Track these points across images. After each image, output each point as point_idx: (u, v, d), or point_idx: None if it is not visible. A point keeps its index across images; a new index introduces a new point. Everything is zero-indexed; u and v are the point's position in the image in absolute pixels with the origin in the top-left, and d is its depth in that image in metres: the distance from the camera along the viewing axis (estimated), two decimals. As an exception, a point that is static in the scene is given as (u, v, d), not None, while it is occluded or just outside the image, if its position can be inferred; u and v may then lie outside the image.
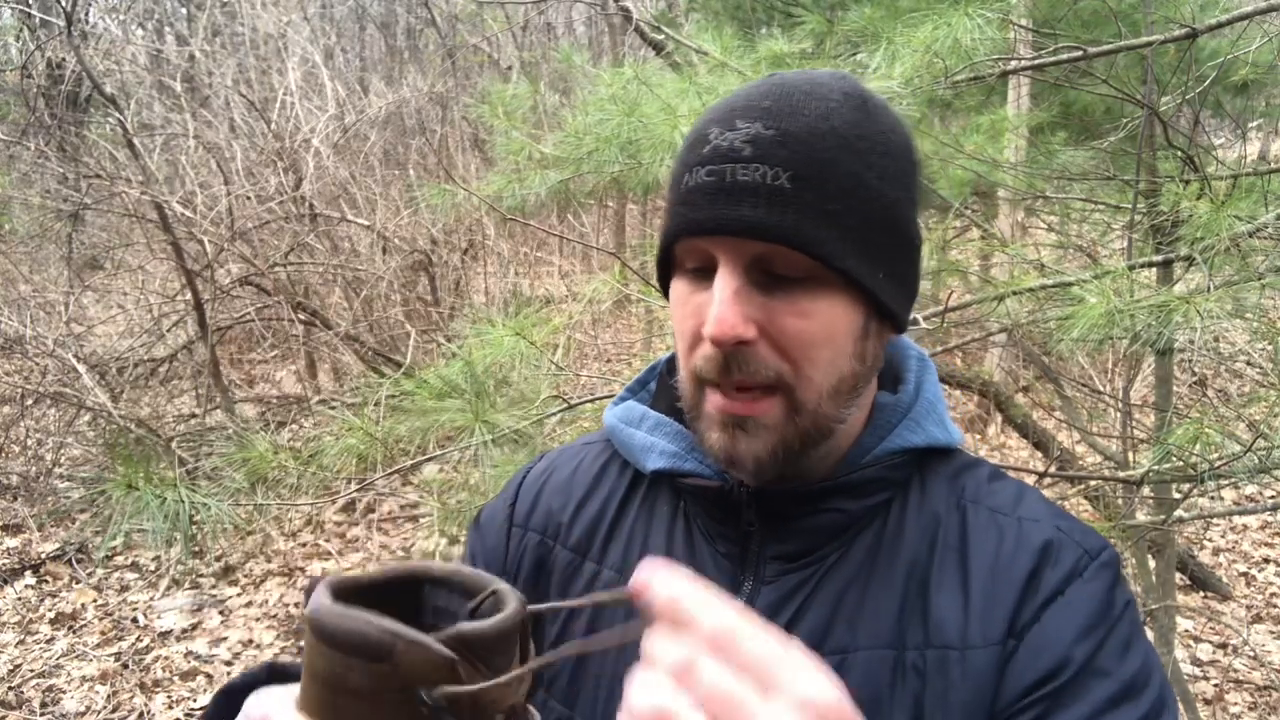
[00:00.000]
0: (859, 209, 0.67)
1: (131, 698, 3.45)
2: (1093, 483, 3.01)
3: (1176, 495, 2.31)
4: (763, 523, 0.74)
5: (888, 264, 0.70)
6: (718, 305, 0.65)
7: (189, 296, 5.39)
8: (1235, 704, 3.44)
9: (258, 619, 4.03)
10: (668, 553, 0.77)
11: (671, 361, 0.86)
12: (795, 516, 0.74)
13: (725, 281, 0.66)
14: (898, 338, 0.78)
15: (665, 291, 0.78)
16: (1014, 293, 2.08)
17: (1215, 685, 3.54)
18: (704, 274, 0.70)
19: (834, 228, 0.66)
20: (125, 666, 3.65)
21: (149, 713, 3.37)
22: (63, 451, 5.25)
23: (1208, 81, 2.46)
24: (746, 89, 0.71)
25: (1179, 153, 2.22)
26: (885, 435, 0.76)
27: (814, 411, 0.69)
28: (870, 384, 0.75)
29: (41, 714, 3.34)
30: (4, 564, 4.37)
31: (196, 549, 4.36)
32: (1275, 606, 4.18)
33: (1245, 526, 4.96)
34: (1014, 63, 2.31)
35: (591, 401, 2.17)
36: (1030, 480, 2.43)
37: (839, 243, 0.66)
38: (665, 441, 0.80)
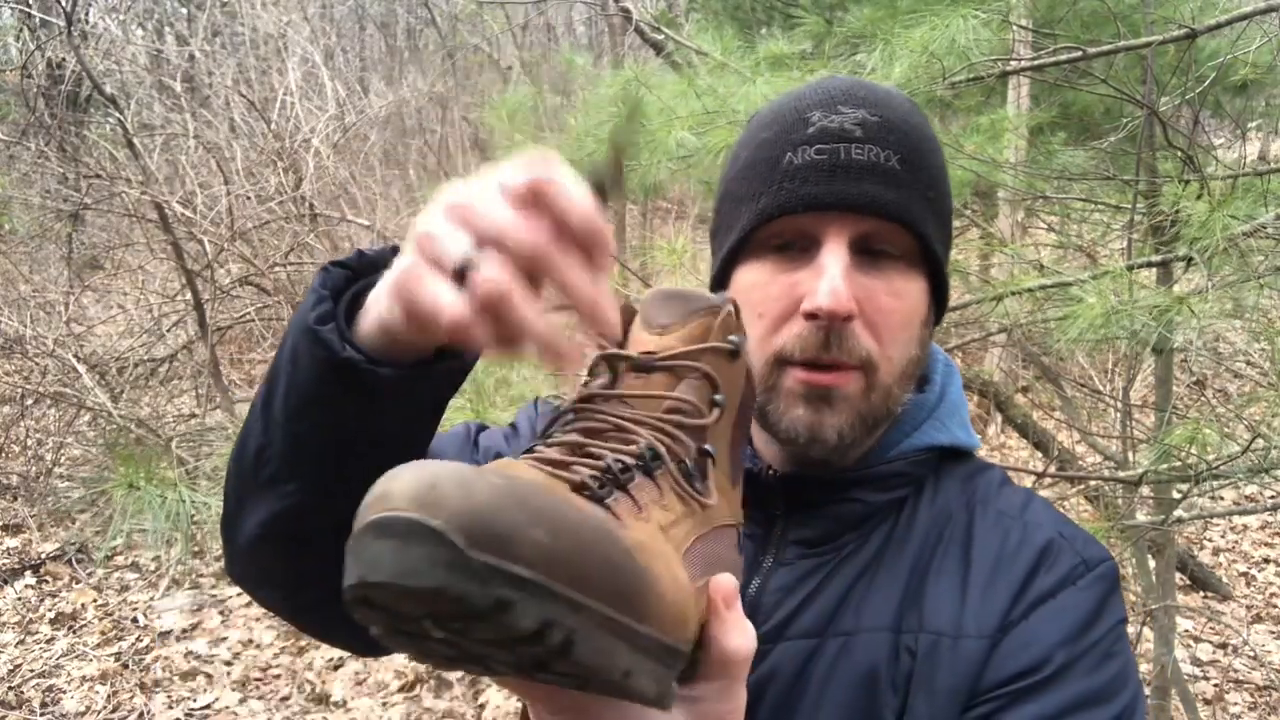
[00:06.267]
0: (942, 200, 0.73)
1: (131, 698, 3.45)
2: (1092, 483, 3.01)
3: (1176, 495, 2.30)
4: (788, 507, 0.76)
5: (947, 256, 0.75)
6: (830, 280, 0.66)
7: (189, 296, 5.39)
8: (1235, 704, 3.44)
9: (258, 619, 4.03)
10: None
11: None
12: (819, 503, 0.76)
13: (836, 256, 0.68)
14: None
15: (718, 284, 0.77)
16: (1013, 293, 2.08)
17: (1215, 685, 3.54)
18: (792, 253, 0.71)
19: (931, 213, 0.71)
20: (125, 666, 3.65)
21: (149, 713, 3.37)
22: (63, 451, 5.25)
23: (1207, 82, 2.46)
24: (825, 82, 0.74)
25: (1179, 153, 2.22)
26: (912, 431, 0.78)
27: (887, 391, 0.71)
28: (918, 375, 0.78)
29: (41, 714, 3.34)
30: (4, 564, 4.37)
31: (196, 549, 4.36)
32: (1275, 606, 4.18)
33: (1245, 526, 4.96)
34: (1013, 63, 2.32)
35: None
36: (1029, 480, 2.43)
37: (935, 228, 0.71)
38: None
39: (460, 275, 0.47)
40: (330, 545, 0.62)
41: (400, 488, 0.39)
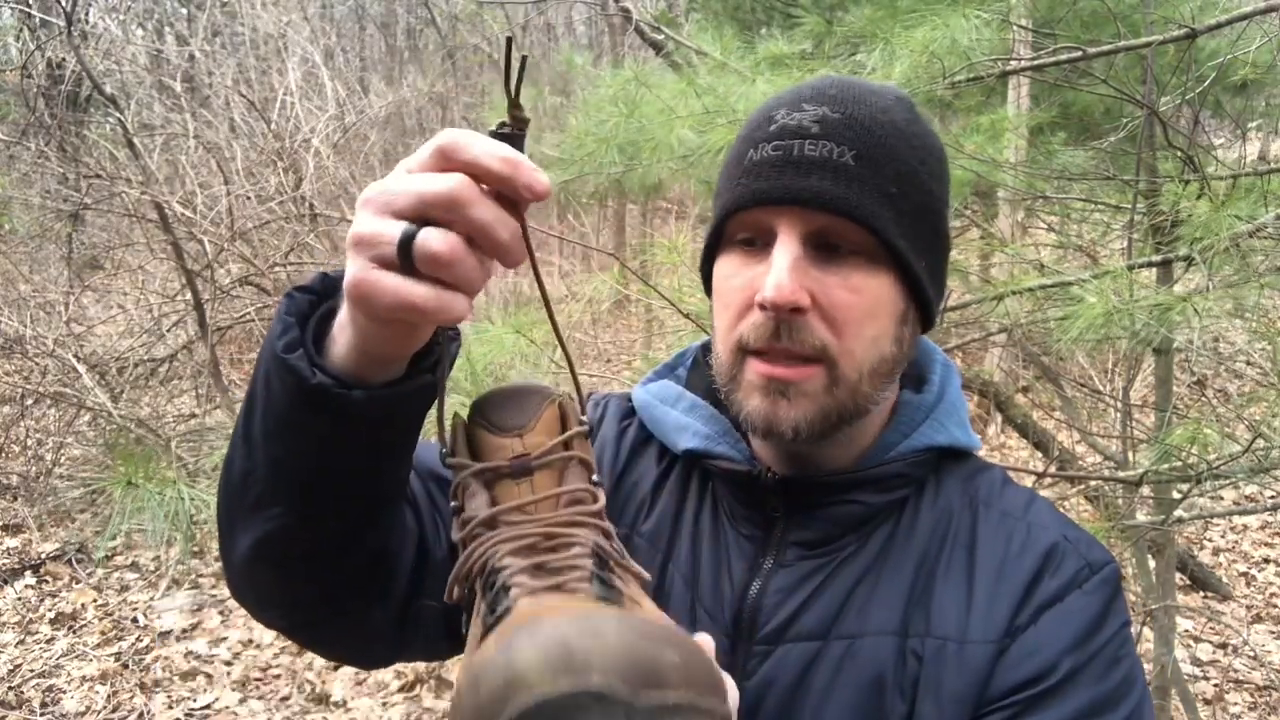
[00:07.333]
0: (912, 196, 0.71)
1: (131, 698, 3.45)
2: (1092, 483, 3.01)
3: (1176, 495, 2.30)
4: (787, 509, 0.77)
5: (928, 255, 0.73)
6: (776, 272, 0.67)
7: (189, 296, 5.39)
8: (1235, 704, 3.44)
9: (258, 619, 4.03)
10: (694, 530, 0.80)
11: (707, 346, 0.88)
12: (818, 505, 0.76)
13: (785, 250, 0.69)
14: (924, 339, 0.81)
15: (706, 277, 0.79)
16: (1014, 292, 2.08)
17: (1215, 685, 3.54)
18: (756, 248, 0.72)
19: (891, 209, 0.70)
20: (125, 666, 3.65)
21: (149, 713, 3.37)
22: (63, 451, 5.25)
23: (1207, 81, 2.46)
24: (808, 81, 0.75)
25: (1179, 153, 2.22)
26: (909, 432, 0.78)
27: (853, 387, 0.71)
28: (900, 374, 0.78)
29: (41, 714, 3.33)
30: (4, 564, 4.37)
31: (196, 548, 4.36)
32: (1275, 606, 4.18)
33: (1245, 526, 4.95)
34: (1013, 63, 2.32)
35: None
36: (1030, 480, 2.43)
37: (895, 224, 0.70)
38: (699, 423, 0.81)
39: (406, 260, 0.48)
40: (322, 567, 0.64)
41: (530, 663, 0.35)
